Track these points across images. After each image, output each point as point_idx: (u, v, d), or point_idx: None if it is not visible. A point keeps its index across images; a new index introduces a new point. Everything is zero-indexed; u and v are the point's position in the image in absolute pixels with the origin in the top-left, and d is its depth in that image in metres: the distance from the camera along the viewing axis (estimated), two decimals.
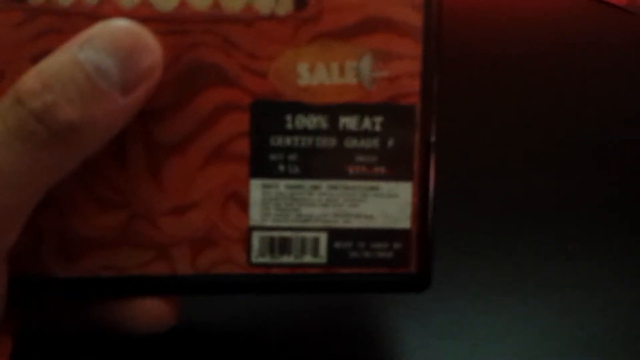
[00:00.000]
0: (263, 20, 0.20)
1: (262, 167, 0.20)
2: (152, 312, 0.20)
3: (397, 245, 0.21)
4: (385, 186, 0.20)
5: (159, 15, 0.19)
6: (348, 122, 0.20)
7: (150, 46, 0.18)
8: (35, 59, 0.18)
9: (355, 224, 0.20)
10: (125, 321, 0.20)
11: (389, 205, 0.21)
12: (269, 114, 0.20)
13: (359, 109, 0.20)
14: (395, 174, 0.20)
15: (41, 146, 0.17)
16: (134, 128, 0.19)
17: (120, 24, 0.18)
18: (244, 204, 0.20)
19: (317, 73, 0.20)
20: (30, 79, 0.17)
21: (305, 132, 0.20)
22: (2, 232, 0.17)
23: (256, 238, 0.20)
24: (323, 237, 0.20)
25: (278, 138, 0.20)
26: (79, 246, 0.20)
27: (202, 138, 0.20)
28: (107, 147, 0.19)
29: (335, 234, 0.20)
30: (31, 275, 0.19)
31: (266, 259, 0.20)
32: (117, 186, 0.20)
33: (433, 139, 0.20)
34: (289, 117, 0.20)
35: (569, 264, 0.30)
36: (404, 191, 0.21)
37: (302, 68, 0.20)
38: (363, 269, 0.21)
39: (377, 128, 0.20)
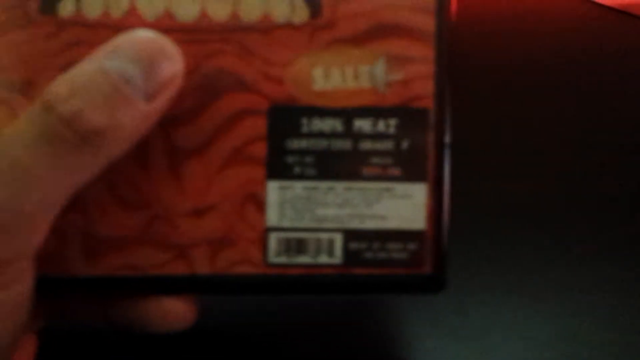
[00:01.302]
0: (279, 28, 0.20)
1: (278, 169, 0.21)
2: (171, 311, 0.21)
3: (411, 246, 0.21)
4: (400, 187, 0.21)
5: (180, 26, 0.20)
6: (362, 124, 0.21)
7: (173, 55, 0.19)
8: (64, 68, 0.19)
9: (370, 224, 0.21)
10: (144, 321, 0.21)
11: (404, 206, 0.21)
12: (286, 118, 0.20)
13: (373, 112, 0.21)
14: (410, 175, 0.21)
15: (69, 150, 0.18)
16: (157, 132, 0.20)
17: (143, 35, 0.19)
18: (261, 206, 0.21)
19: (331, 78, 0.20)
20: (59, 86, 0.18)
21: (321, 135, 0.21)
22: (29, 233, 0.18)
23: (273, 239, 0.21)
24: (338, 238, 0.21)
25: (294, 141, 0.21)
26: (101, 246, 0.20)
27: (220, 142, 0.20)
28: (131, 150, 0.20)
29: (350, 235, 0.21)
30: (55, 275, 0.20)
31: (283, 260, 0.21)
32: (140, 188, 0.20)
33: (448, 140, 0.21)
34: (304, 121, 0.21)
35: (576, 267, 0.30)
36: (419, 192, 0.21)
37: (317, 73, 0.20)
38: (378, 269, 0.21)
39: (392, 130, 0.21)
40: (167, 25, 0.20)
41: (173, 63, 0.19)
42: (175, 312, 0.21)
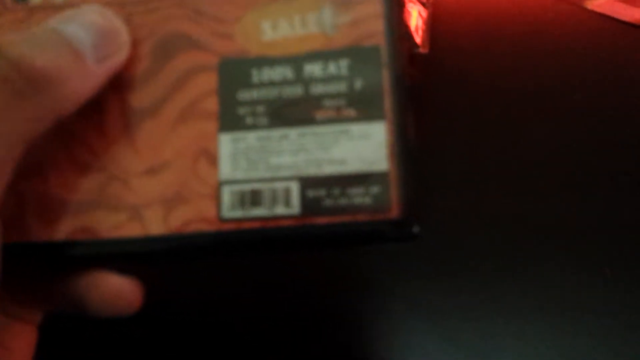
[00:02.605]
0: None
1: (230, 121, 0.20)
2: (116, 292, 0.20)
3: (374, 190, 0.19)
4: (357, 128, 0.19)
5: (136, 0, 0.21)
6: (313, 69, 0.20)
7: (119, 29, 0.20)
8: None
9: (328, 170, 0.19)
10: (89, 301, 0.20)
11: (363, 147, 0.19)
12: (236, 70, 0.20)
13: (323, 55, 0.20)
14: (366, 115, 0.19)
15: (17, 94, 0.18)
16: (112, 96, 0.21)
17: (94, 7, 0.20)
18: (213, 160, 0.20)
19: (280, 28, 0.20)
20: (12, 35, 0.19)
21: (271, 84, 0.20)
22: None
23: (226, 192, 0.20)
24: (295, 186, 0.19)
25: (245, 92, 0.20)
26: (58, 210, 0.20)
27: (173, 101, 0.20)
28: (88, 114, 0.20)
29: (307, 182, 0.19)
30: (14, 241, 0.20)
31: (237, 214, 0.19)
32: (96, 150, 0.20)
33: (403, 75, 0.20)
34: (254, 72, 0.20)
35: (604, 289, 0.26)
36: (377, 131, 0.19)
37: (266, 25, 0.20)
38: (340, 217, 0.19)
39: (343, 72, 0.20)
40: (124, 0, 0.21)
41: (120, 34, 0.20)
42: (121, 293, 0.20)
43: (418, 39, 0.39)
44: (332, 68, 0.20)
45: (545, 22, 0.41)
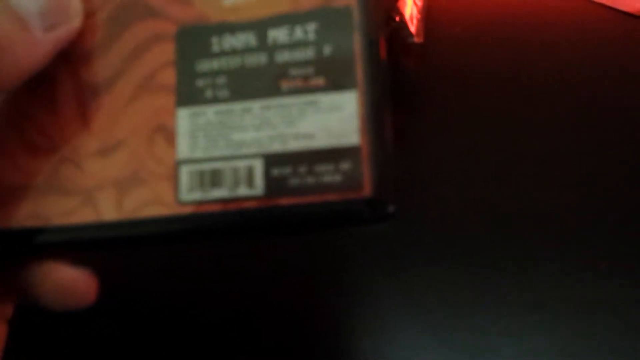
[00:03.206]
0: None
1: (188, 94, 0.18)
2: (67, 284, 0.18)
3: (345, 166, 0.17)
4: (326, 99, 0.17)
5: None
6: (278, 34, 0.18)
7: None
8: None
9: (295, 145, 0.17)
10: (42, 293, 0.18)
11: (332, 119, 0.17)
12: (195, 39, 0.18)
13: (289, 19, 0.18)
14: (336, 84, 0.17)
15: None
16: (65, 71, 0.19)
17: None
18: (171, 137, 0.18)
19: None
20: None
21: (233, 52, 0.18)
22: None
23: (185, 172, 0.18)
24: (258, 165, 0.18)
25: (205, 63, 0.18)
26: (8, 195, 0.19)
27: (128, 73, 0.19)
28: (39, 92, 0.19)
29: (272, 160, 0.17)
30: None
31: (196, 195, 0.18)
32: (47, 130, 0.19)
33: (377, 39, 0.18)
34: (215, 40, 0.18)
35: (600, 284, 0.24)
36: (348, 102, 0.17)
37: None
38: (307, 197, 0.17)
39: (311, 36, 0.18)
40: None
41: (71, 2, 0.19)
42: (73, 285, 0.18)
43: (413, 28, 0.37)
44: (298, 33, 0.18)
45: (543, 11, 0.39)
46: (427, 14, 0.39)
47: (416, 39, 0.37)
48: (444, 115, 0.34)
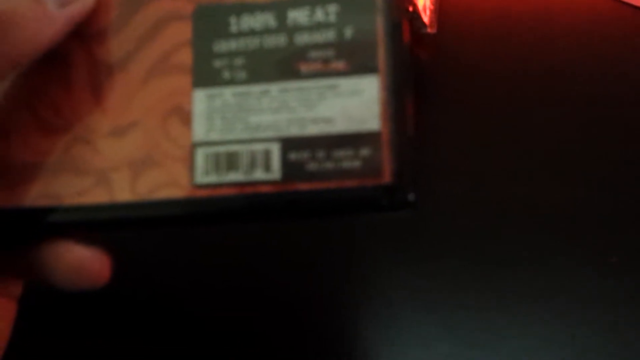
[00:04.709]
0: None
1: (205, 75, 0.18)
2: (80, 264, 0.18)
3: (364, 152, 0.17)
4: (346, 83, 0.17)
5: None
6: (298, 15, 0.18)
7: None
8: None
9: (313, 130, 0.17)
10: (53, 273, 0.18)
11: (352, 104, 0.17)
12: (212, 18, 0.18)
13: (310, 0, 0.18)
14: (357, 68, 0.17)
15: None
16: (78, 50, 0.19)
17: None
18: (186, 118, 0.18)
19: None
20: None
21: (252, 33, 0.18)
22: None
23: (200, 155, 0.18)
24: (275, 148, 0.17)
25: (222, 43, 0.18)
26: (21, 174, 0.18)
27: (143, 53, 0.18)
28: (52, 70, 0.19)
29: (289, 144, 0.17)
30: None
31: (212, 178, 0.17)
32: (61, 109, 0.19)
33: (400, 22, 0.17)
34: (233, 20, 0.18)
35: (609, 278, 0.24)
36: (369, 86, 0.17)
37: None
38: (325, 183, 0.17)
39: (332, 18, 0.17)
40: None
41: None
42: (86, 265, 0.18)
43: (426, 19, 0.36)
44: (319, 14, 0.17)
45: (554, 3, 0.38)
46: (440, 5, 0.39)
47: (429, 30, 0.37)
48: (455, 107, 0.34)
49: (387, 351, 0.24)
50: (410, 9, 0.36)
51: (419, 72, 0.35)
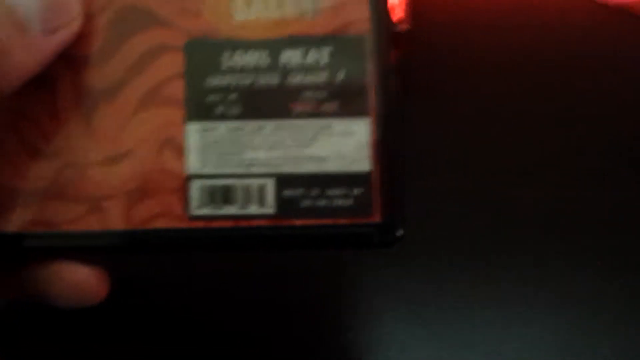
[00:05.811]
0: None
1: (198, 109, 0.18)
2: (79, 283, 0.18)
3: (356, 191, 0.18)
4: (339, 124, 0.18)
5: None
6: (291, 56, 0.18)
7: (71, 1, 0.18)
8: None
9: (307, 168, 0.18)
10: (52, 291, 0.18)
11: (344, 145, 0.18)
12: (205, 53, 0.18)
13: (303, 42, 0.18)
14: (349, 110, 0.18)
15: None
16: (66, 75, 0.18)
17: None
18: (179, 151, 0.18)
19: (253, 6, 0.18)
20: None
21: (245, 70, 0.18)
22: None
23: (195, 187, 0.18)
24: (270, 184, 0.18)
25: (215, 78, 0.18)
26: (8, 199, 0.18)
27: (134, 82, 0.18)
28: (40, 95, 0.18)
29: (284, 180, 0.18)
30: None
31: (207, 211, 0.18)
32: (49, 136, 0.18)
33: (391, 67, 0.18)
34: (226, 55, 0.18)
35: (604, 280, 0.26)
36: (360, 129, 0.18)
37: (238, 2, 0.18)
38: (318, 219, 0.18)
39: (325, 60, 0.18)
40: None
41: (71, 5, 0.18)
42: (85, 283, 0.18)
43: (400, 14, 0.37)
44: (312, 56, 0.18)
45: None
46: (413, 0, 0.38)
47: (403, 26, 0.37)
48: (433, 104, 0.32)
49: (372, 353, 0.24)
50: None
51: (411, 69, 0.34)
